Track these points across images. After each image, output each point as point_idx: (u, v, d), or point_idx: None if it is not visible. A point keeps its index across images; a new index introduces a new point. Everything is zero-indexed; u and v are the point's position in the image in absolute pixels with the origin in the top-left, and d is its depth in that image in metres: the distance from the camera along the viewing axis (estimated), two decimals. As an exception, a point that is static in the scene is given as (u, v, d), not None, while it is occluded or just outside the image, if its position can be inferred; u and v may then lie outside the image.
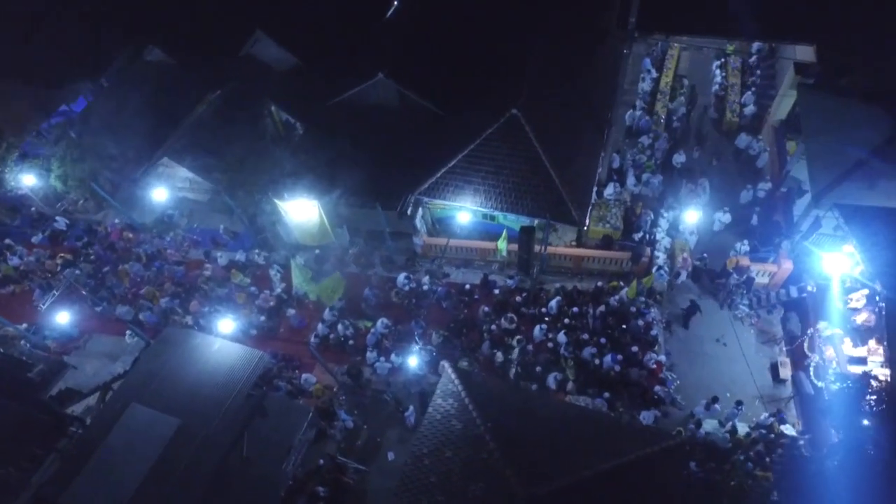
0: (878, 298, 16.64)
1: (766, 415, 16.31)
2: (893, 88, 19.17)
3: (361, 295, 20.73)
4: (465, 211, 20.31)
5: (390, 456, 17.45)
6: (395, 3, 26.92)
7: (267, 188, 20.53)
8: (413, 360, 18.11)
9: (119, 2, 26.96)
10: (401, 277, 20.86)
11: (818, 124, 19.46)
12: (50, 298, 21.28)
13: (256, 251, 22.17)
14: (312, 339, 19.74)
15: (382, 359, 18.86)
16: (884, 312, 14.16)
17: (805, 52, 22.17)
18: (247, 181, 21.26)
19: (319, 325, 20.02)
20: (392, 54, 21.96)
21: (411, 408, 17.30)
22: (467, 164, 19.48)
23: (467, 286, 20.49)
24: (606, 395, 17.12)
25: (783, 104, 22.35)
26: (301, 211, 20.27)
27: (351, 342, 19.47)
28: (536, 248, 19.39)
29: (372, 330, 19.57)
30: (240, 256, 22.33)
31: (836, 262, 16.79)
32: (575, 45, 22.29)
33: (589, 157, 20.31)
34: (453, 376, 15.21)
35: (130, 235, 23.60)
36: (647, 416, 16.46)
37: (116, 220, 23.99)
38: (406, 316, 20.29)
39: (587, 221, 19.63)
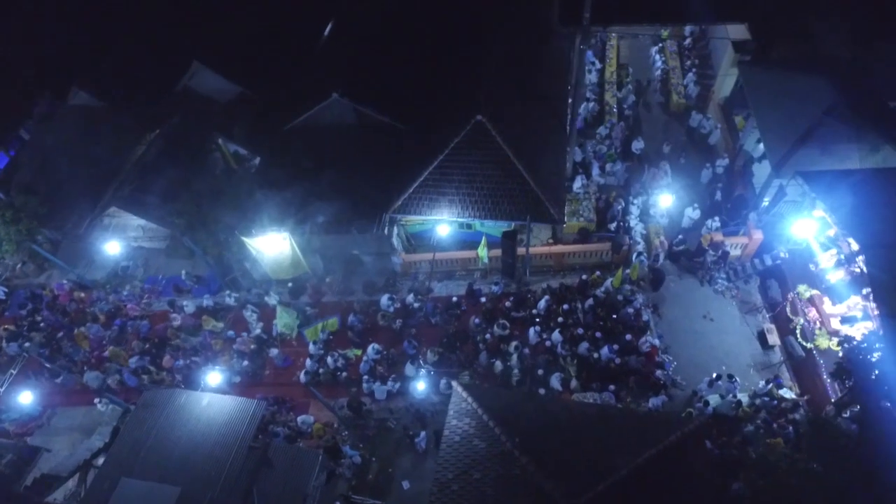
0: (854, 256, 17.62)
1: (763, 382, 16.82)
2: (827, 55, 20.36)
3: (346, 323, 20.02)
4: (441, 223, 20.01)
5: (405, 485, 16.84)
6: (331, 23, 26.46)
7: (232, 226, 19.45)
8: (412, 383, 17.66)
9: (30, 45, 25.13)
10: (384, 299, 20.26)
11: (765, 98, 20.40)
12: (7, 380, 19.32)
13: (227, 293, 20.97)
14: (302, 377, 18.86)
15: (378, 383, 18.25)
16: (865, 269, 14.87)
17: (738, 31, 23.18)
18: (207, 221, 20.08)
19: (307, 361, 19.12)
20: (344, 72, 21.37)
21: (423, 433, 16.76)
22: (439, 176, 19.16)
23: (454, 298, 20.12)
24: (612, 387, 17.21)
25: (726, 82, 23.36)
26: (272, 245, 19.42)
27: (343, 374, 18.71)
28: (520, 250, 19.31)
29: (364, 358, 18.90)
30: (208, 301, 21.03)
31: (807, 227, 17.60)
32: (524, 47, 22.42)
33: (556, 153, 20.44)
34: (465, 394, 14.85)
35: (82, 295, 21.84)
36: (655, 402, 16.63)
37: (64, 281, 22.10)
38: (396, 338, 19.72)
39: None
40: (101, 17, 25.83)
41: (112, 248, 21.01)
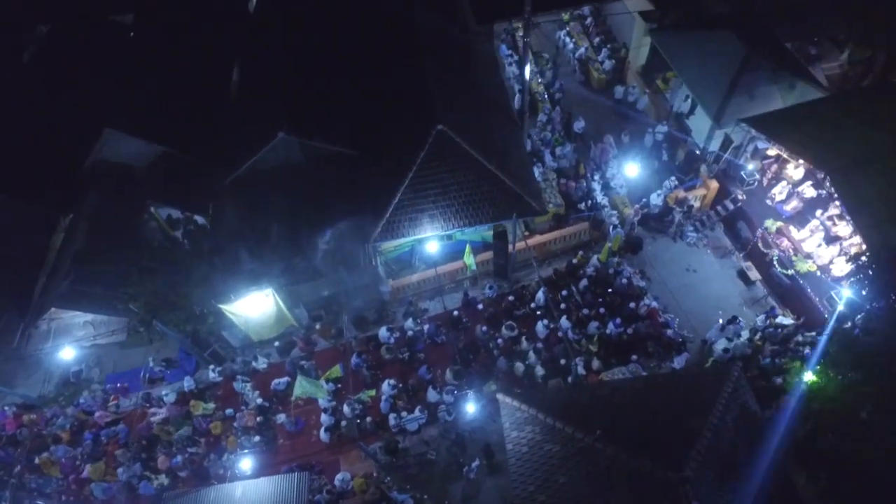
0: (800, 184, 19.42)
1: (763, 317, 18.08)
2: (731, 12, 22.24)
3: (349, 367, 18.94)
4: (420, 242, 19.52)
5: (465, 513, 16.26)
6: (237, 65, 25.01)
7: (205, 296, 17.67)
8: (442, 409, 17.10)
9: None
10: (383, 332, 19.40)
11: (685, 59, 21.94)
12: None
13: (211, 368, 19.02)
14: (322, 435, 17.59)
15: (405, 413, 17.44)
16: (833, 193, 16.32)
17: (636, 3, 24.76)
18: (170, 298, 18.10)
19: (323, 417, 17.86)
20: (280, 109, 20.08)
21: (475, 462, 16.20)
22: (413, 194, 18.60)
23: (455, 312, 19.69)
24: (634, 357, 17.70)
25: (641, 52, 24.84)
26: (255, 306, 17.92)
27: (368, 419, 17.67)
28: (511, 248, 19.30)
29: (383, 396, 17.97)
30: (190, 384, 18.94)
31: (755, 166, 19.17)
32: (453, 51, 22.40)
33: (516, 147, 20.62)
34: (517, 403, 14.57)
35: (33, 417, 18.81)
36: (679, 361, 17.31)
37: (5, 408, 18.91)
38: (408, 367, 18.97)
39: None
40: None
41: (66, 354, 18.29)
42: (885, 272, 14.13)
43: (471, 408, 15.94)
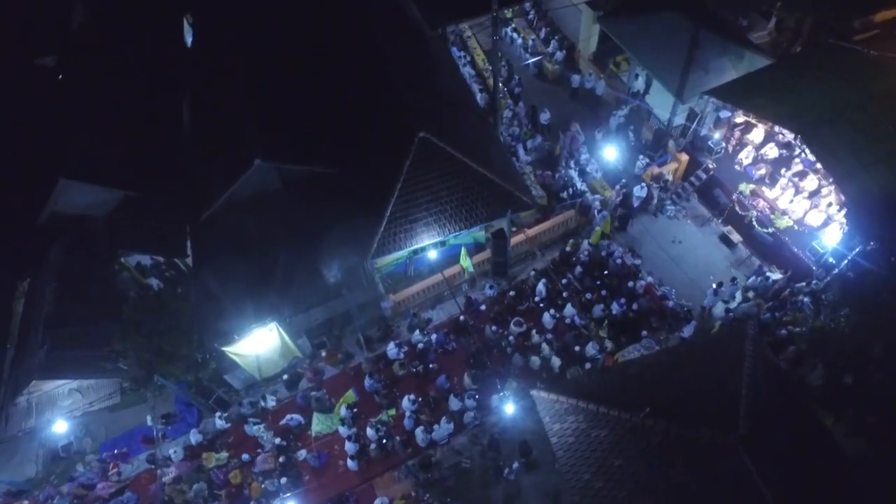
0: (762, 146, 20.56)
1: (754, 277, 18.98)
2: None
3: (363, 390, 18.45)
4: (413, 252, 19.25)
5: (511, 516, 16.14)
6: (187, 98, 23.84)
7: (204, 342, 16.69)
8: (468, 414, 16.96)
9: None
10: (391, 348, 19.00)
11: (637, 42, 22.77)
12: None
13: (217, 415, 17.96)
14: (350, 464, 17.01)
15: (436, 426, 17.13)
16: (795, 152, 17.42)
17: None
18: (164, 348, 16.98)
19: (347, 445, 17.23)
20: (250, 135, 19.24)
21: (515, 463, 16.11)
22: (404, 205, 18.31)
23: (461, 317, 19.54)
24: (644, 333, 18.17)
25: (591, 40, 25.58)
26: (259, 343, 17.13)
27: (397, 439, 17.23)
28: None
29: (406, 413, 17.58)
30: (196, 437, 17.83)
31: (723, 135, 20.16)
32: (415, 57, 22.23)
33: (495, 145, 20.73)
34: (553, 396, 14.63)
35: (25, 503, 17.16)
36: (688, 330, 17.88)
37: (-8, 498, 17.19)
38: (423, 380, 18.65)
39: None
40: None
41: (59, 427, 16.77)
42: (868, 216, 15.16)
43: (510, 408, 15.80)
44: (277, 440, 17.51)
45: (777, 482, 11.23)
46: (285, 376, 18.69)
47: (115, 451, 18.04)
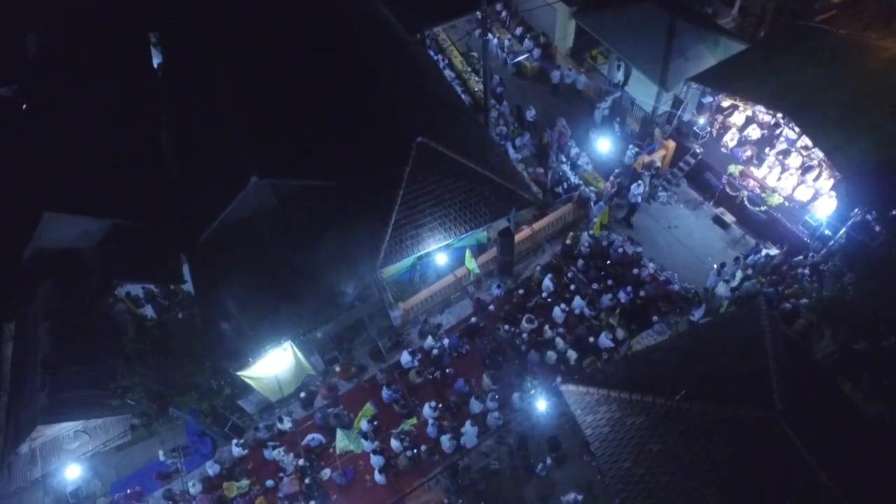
0: (745, 126, 21.22)
1: (752, 255, 19.55)
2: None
3: (380, 402, 18.20)
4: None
5: (548, 511, 16.15)
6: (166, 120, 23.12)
7: (218, 368, 16.14)
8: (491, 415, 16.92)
9: None
10: (404, 357, 18.78)
11: (616, 35, 23.22)
12: None
13: (234, 442, 17.38)
14: (378, 477, 16.72)
15: (464, 430, 17.00)
16: (777, 132, 18.04)
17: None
18: (176, 381, 16.36)
19: (373, 458, 16.92)
20: (243, 151, 18.75)
21: (548, 459, 16.14)
22: (408, 211, 18.11)
23: (473, 319, 19.48)
24: (655, 318, 18.48)
25: (568, 36, 25.94)
26: (274, 363, 16.70)
27: (423, 447, 17.02)
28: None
29: (429, 421, 17.40)
30: (212, 468, 17.21)
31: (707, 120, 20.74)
32: (401, 60, 22.12)
33: (489, 144, 20.77)
34: (583, 388, 14.72)
35: (36, 557, 16.25)
36: (699, 314, 18.26)
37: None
38: (440, 386, 18.50)
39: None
40: None
41: (72, 473, 15.92)
42: (861, 185, 15.83)
43: (542, 405, 15.79)
44: (301, 461, 17.07)
45: (817, 449, 11.58)
46: (302, 394, 18.22)
47: (129, 491, 17.24)
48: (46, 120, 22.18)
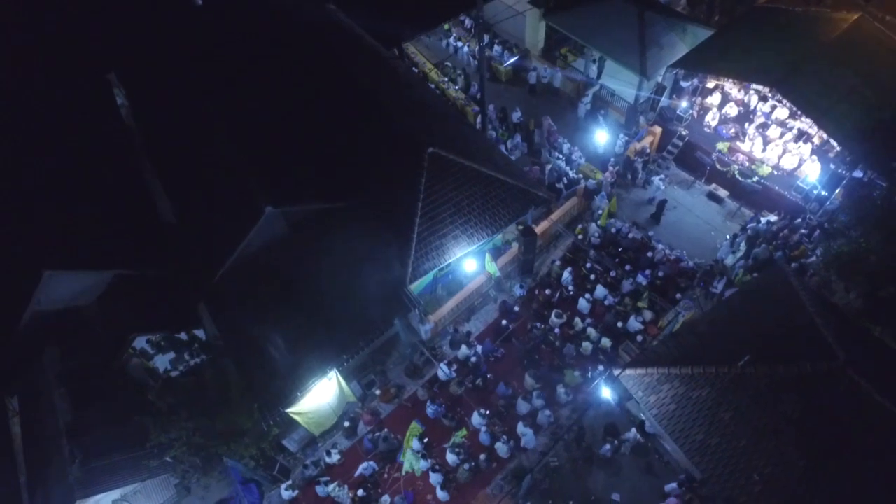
0: (723, 104, 22.39)
1: (753, 224, 20.58)
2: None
3: (426, 419, 17.89)
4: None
5: (616, 498, 16.25)
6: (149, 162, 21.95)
7: (267, 409, 15.38)
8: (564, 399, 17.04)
9: None
10: (442, 369, 18.54)
11: (589, 31, 24.05)
12: None
13: (283, 486, 16.54)
14: (441, 494, 16.36)
15: (522, 432, 16.96)
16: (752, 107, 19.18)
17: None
18: (218, 429, 15.43)
19: (431, 477, 16.58)
20: (257, 182, 18.07)
21: (608, 444, 16.32)
22: (429, 222, 17.95)
23: (503, 322, 19.49)
24: (678, 296, 19.12)
25: (539, 37, 26.61)
26: (320, 395, 16.16)
27: (482, 457, 16.80)
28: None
29: (482, 429, 17.23)
30: (264, 513, 16.40)
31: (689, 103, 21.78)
32: (389, 73, 22.02)
33: (491, 148, 20.96)
34: (640, 370, 15.03)
35: None
36: (719, 285, 19.00)
37: None
38: (483, 393, 18.37)
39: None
40: None
41: (123, 545, 14.69)
42: (850, 144, 17.06)
43: (606, 391, 15.94)
44: (359, 492, 16.47)
45: (885, 391, 12.30)
46: (346, 423, 17.64)
47: (176, 556, 16.12)
48: (8, 171, 20.61)
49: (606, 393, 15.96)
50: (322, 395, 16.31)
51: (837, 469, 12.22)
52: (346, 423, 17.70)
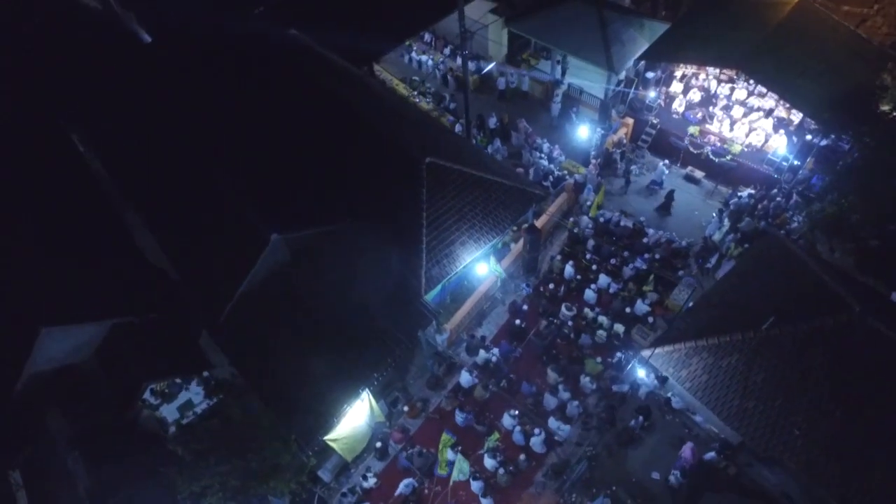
0: (687, 91, 23.62)
1: (734, 200, 21.70)
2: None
3: (456, 428, 17.78)
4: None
5: (656, 476, 16.60)
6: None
7: (305, 442, 14.87)
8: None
9: None
10: (464, 376, 18.52)
11: (552, 34, 24.90)
12: None
13: (326, 522, 16.04)
14: (485, 502, 16.25)
15: (560, 428, 17.10)
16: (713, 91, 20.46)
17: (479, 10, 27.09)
18: (253, 468, 14.79)
19: (473, 485, 16.45)
20: (258, 210, 17.55)
21: (641, 418, 16.70)
22: (436, 231, 18.00)
23: (517, 321, 19.64)
24: (680, 272, 19.90)
25: (502, 44, 27.28)
26: (353, 418, 15.83)
27: (521, 458, 16.80)
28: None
29: (515, 430, 17.27)
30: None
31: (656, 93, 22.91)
32: (365, 93, 21.99)
33: (481, 152, 21.26)
34: (668, 347, 15.53)
35: None
36: (712, 261, 19.90)
37: None
38: (508, 394, 18.43)
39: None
40: None
41: None
42: (827, 114, 18.40)
43: (641, 372, 16.28)
44: (401, 513, 16.15)
45: (900, 333, 13.23)
46: (378, 444, 17.27)
47: None
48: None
49: (641, 372, 16.35)
50: (355, 419, 15.94)
51: (871, 412, 13.01)
52: (378, 445, 17.32)
